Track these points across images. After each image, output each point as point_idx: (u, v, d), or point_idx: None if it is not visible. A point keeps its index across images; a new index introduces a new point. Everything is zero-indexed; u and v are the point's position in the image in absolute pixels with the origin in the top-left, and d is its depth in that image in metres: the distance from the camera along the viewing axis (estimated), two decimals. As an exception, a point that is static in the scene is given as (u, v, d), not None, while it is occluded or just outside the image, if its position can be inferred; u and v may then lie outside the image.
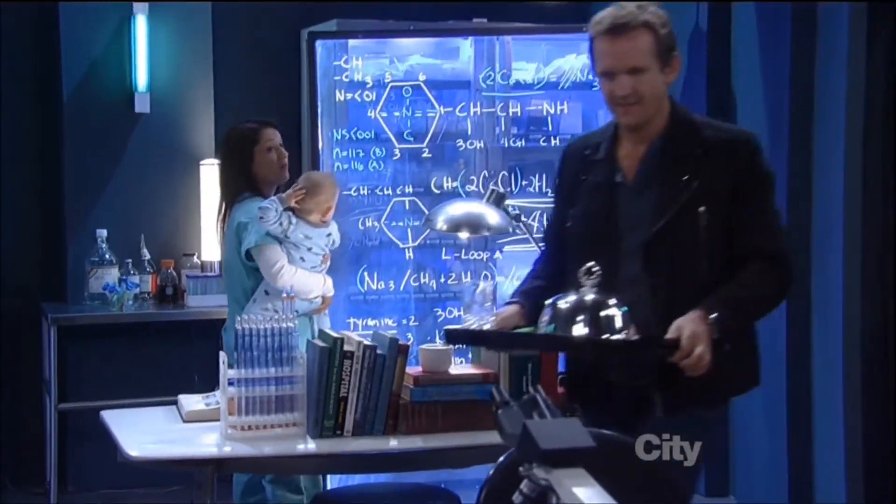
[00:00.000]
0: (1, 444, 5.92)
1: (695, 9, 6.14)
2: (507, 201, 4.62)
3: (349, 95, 5.36)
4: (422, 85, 5.41)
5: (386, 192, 5.41)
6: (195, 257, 6.20)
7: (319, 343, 3.80)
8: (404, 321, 5.36)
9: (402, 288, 5.41)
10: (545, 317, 3.04)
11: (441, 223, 4.34)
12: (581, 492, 1.91)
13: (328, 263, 4.78)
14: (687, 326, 2.90)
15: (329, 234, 4.77)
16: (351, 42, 5.49)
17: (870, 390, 4.97)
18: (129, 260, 6.02)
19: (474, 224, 4.34)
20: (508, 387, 3.79)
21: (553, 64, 5.70)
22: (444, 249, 5.42)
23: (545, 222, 5.31)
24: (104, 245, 5.92)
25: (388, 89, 5.38)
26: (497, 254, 5.45)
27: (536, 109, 5.60)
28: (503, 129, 5.50)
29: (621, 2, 3.11)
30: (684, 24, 6.20)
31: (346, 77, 5.34)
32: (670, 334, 2.91)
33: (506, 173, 5.45)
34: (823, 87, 5.28)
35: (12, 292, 6.07)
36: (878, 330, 4.96)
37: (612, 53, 3.06)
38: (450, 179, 5.40)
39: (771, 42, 5.61)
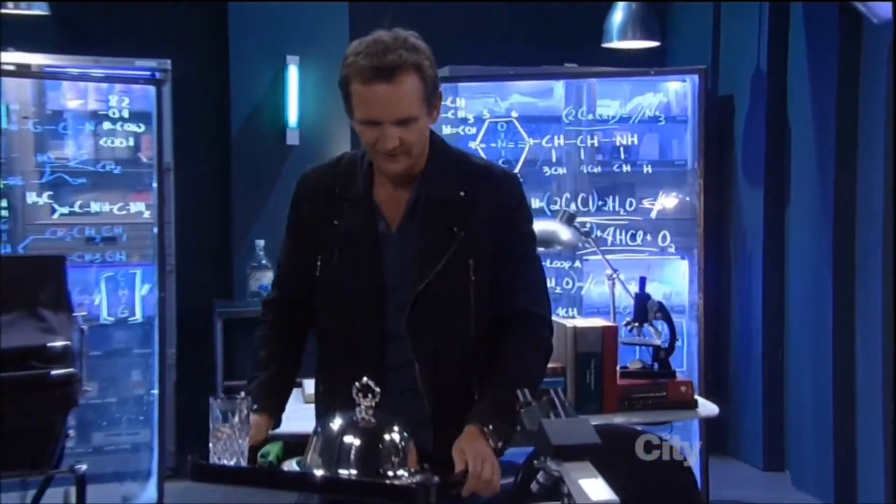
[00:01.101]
0: (183, 421, 5.98)
1: (756, 53, 5.94)
2: (586, 218, 4.49)
3: (454, 130, 5.29)
4: (514, 121, 5.34)
5: (483, 211, 5.31)
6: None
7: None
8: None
9: (495, 291, 5.31)
10: (314, 443, 2.12)
11: (520, 239, 4.19)
12: (585, 483, 1.86)
13: None
14: (468, 448, 2.15)
15: None
16: (461, 84, 5.44)
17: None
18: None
19: (548, 240, 4.18)
20: (574, 380, 3.68)
21: (633, 101, 5.59)
22: (531, 260, 5.31)
23: (613, 234, 5.17)
24: (262, 252, 5.95)
25: (486, 124, 5.31)
26: (577, 262, 5.32)
27: (616, 140, 5.45)
28: (584, 157, 5.38)
29: (377, 35, 2.22)
30: (747, 67, 6.02)
31: (452, 114, 5.28)
32: (456, 460, 2.14)
33: (584, 195, 5.33)
34: (866, 118, 5.09)
35: (191, 292, 6.14)
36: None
37: (375, 102, 2.18)
38: (537, 200, 5.28)
39: (820, 80, 5.42)
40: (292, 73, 6.09)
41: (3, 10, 5.36)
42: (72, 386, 3.10)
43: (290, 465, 2.14)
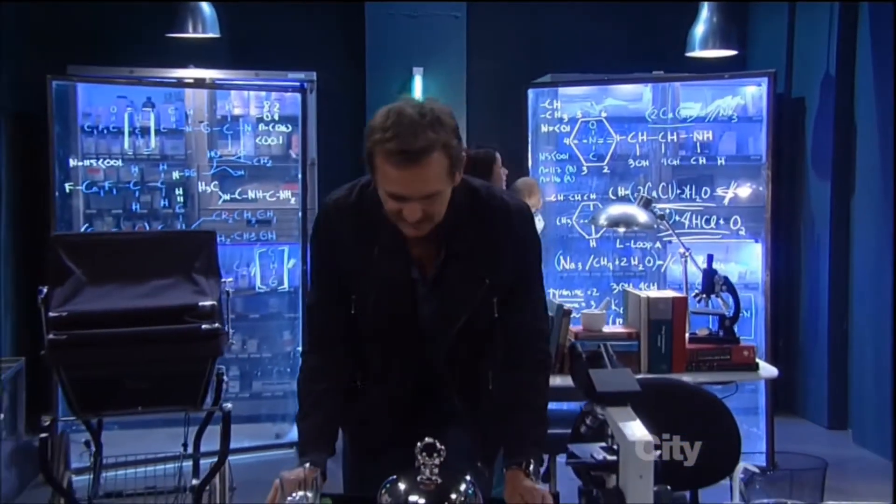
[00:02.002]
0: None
1: (825, 59, 5.70)
2: (666, 205, 4.39)
3: (550, 128, 5.23)
4: (603, 120, 5.23)
5: (576, 198, 5.27)
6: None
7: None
8: (588, 292, 5.20)
9: (587, 268, 5.25)
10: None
11: (602, 220, 4.12)
12: (625, 425, 1.82)
13: None
14: (521, 490, 2.01)
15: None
16: (561, 89, 5.38)
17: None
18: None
19: (627, 222, 4.09)
20: (647, 343, 3.62)
21: (714, 103, 5.42)
22: (617, 240, 5.23)
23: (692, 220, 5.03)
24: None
25: (578, 123, 5.23)
26: (657, 244, 5.21)
27: (694, 137, 5.30)
28: (665, 151, 5.25)
29: (403, 109, 1.92)
30: (817, 71, 5.79)
31: (549, 115, 5.22)
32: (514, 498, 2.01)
33: (665, 183, 5.19)
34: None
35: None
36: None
37: (403, 183, 1.91)
38: (623, 188, 5.17)
39: (883, 81, 5.19)
40: (418, 82, 6.11)
41: (185, 35, 5.53)
42: (218, 339, 3.17)
43: None
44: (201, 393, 3.23)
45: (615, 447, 1.85)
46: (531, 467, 2.05)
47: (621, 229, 4.36)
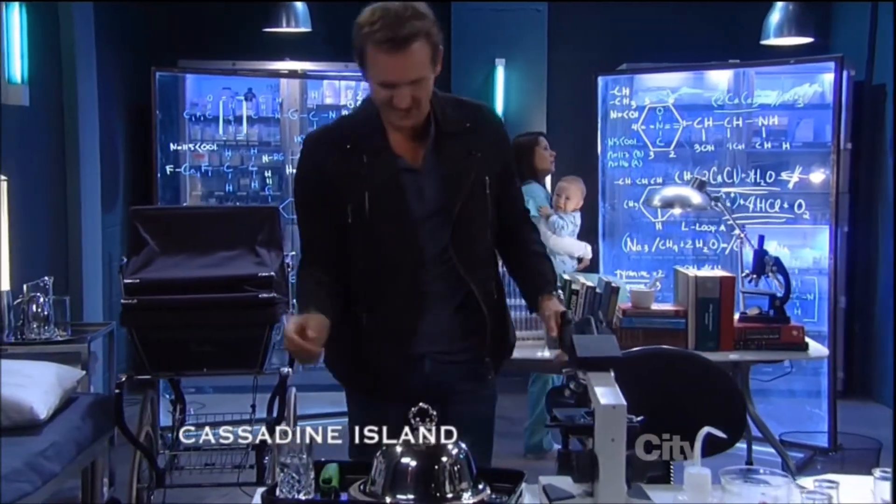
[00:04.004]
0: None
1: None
2: (731, 189, 4.22)
3: (619, 114, 5.10)
4: (671, 107, 5.06)
5: (642, 182, 5.11)
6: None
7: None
8: (654, 273, 5.04)
9: (652, 250, 5.11)
10: (376, 466, 1.77)
11: (656, 201, 4.00)
12: (599, 390, 1.75)
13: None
14: (555, 310, 2.08)
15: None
16: (637, 77, 5.24)
17: None
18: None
19: (681, 202, 3.95)
20: (694, 321, 3.49)
21: (792, 90, 5.17)
22: (682, 223, 5.06)
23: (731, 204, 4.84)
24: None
25: (646, 110, 5.08)
26: (721, 227, 5.01)
27: (759, 122, 5.08)
28: (730, 136, 5.04)
29: (388, 5, 1.99)
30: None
31: (619, 102, 5.09)
32: (552, 318, 2.07)
33: (729, 168, 4.99)
34: None
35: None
36: None
37: (391, 69, 1.98)
38: (687, 173, 4.99)
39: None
40: (499, 73, 6.04)
41: (279, 29, 5.64)
42: (275, 307, 3.22)
43: (356, 492, 1.79)
44: (261, 357, 3.28)
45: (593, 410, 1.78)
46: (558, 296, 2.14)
47: (676, 210, 4.21)
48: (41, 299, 3.58)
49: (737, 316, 3.58)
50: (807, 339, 3.56)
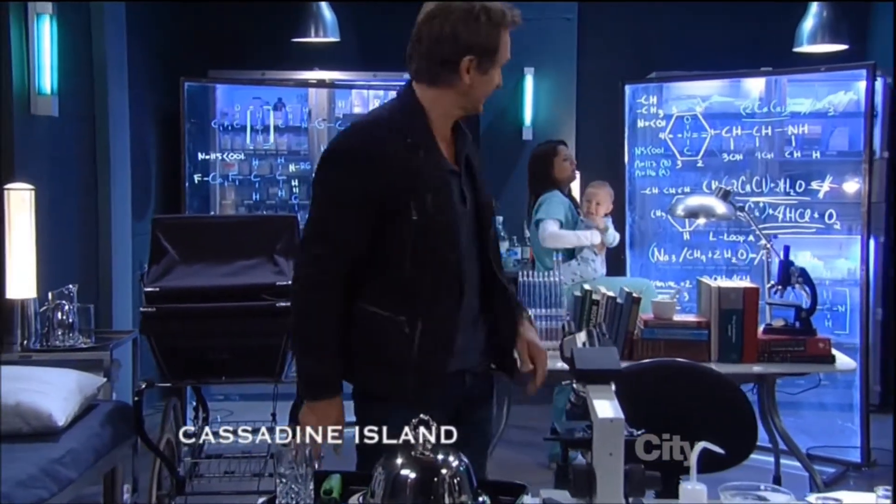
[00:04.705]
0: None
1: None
2: (761, 199, 4.15)
3: (647, 123, 5.05)
4: (699, 115, 5.00)
5: (670, 192, 5.06)
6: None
7: (576, 293, 3.60)
8: (682, 283, 4.98)
9: (680, 260, 5.05)
10: (377, 477, 1.71)
11: (679, 210, 3.95)
12: (598, 403, 1.73)
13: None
14: (526, 339, 2.15)
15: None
16: (665, 85, 5.19)
17: None
18: (515, 236, 6.00)
19: (706, 212, 3.90)
20: (717, 332, 3.44)
21: (826, 98, 5.09)
22: (710, 233, 5.00)
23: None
24: (500, 226, 5.93)
25: (673, 119, 5.02)
26: (750, 237, 4.93)
27: (792, 131, 5.00)
28: (759, 145, 4.97)
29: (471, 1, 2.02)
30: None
31: (645, 111, 5.05)
32: (524, 356, 2.14)
33: (759, 177, 4.92)
34: None
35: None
36: None
37: (509, 48, 2.09)
38: (715, 182, 4.92)
39: None
40: (528, 82, 6.02)
41: (308, 39, 5.68)
42: (293, 315, 3.22)
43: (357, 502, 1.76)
44: (279, 365, 3.29)
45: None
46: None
47: (701, 220, 4.16)
48: (66, 307, 3.62)
49: (761, 328, 3.51)
50: (834, 352, 3.48)
